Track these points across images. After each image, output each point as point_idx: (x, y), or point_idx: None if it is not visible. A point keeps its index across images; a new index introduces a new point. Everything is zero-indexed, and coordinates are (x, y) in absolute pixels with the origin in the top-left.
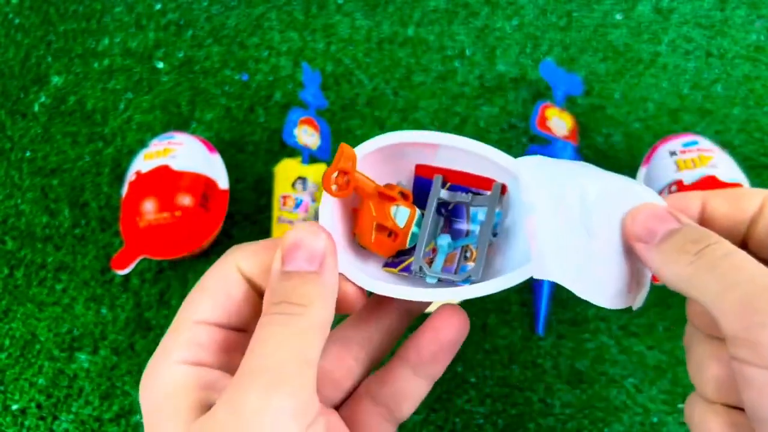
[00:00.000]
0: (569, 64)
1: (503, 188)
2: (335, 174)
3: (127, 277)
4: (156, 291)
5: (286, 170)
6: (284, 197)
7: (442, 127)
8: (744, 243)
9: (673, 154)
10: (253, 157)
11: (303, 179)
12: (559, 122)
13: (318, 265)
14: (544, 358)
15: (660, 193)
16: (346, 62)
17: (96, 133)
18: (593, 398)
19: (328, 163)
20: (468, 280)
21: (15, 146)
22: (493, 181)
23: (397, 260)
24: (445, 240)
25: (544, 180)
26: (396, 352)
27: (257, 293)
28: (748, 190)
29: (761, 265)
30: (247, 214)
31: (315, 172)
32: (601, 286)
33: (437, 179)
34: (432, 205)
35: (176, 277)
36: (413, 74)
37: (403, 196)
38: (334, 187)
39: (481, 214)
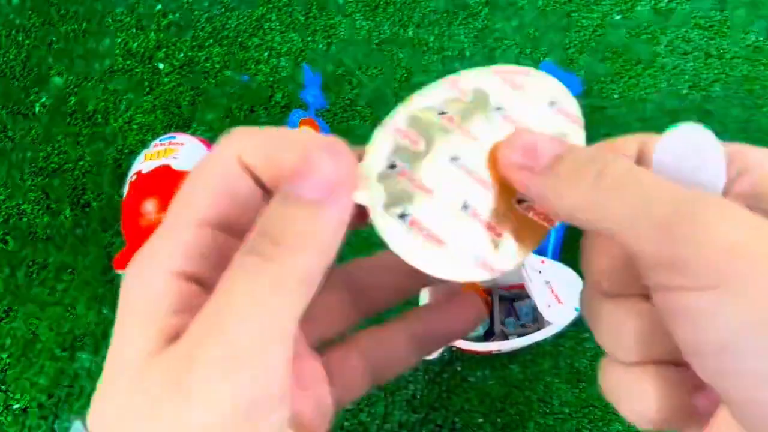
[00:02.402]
0: (568, 65)
1: None
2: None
3: None
4: None
5: None
6: None
7: None
8: None
9: None
10: None
11: None
12: None
13: (324, 193)
14: (543, 357)
15: None
16: (346, 63)
17: (97, 134)
18: (592, 397)
19: None
20: None
21: (16, 146)
22: None
23: None
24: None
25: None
26: (401, 315)
27: (262, 193)
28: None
29: (668, 181)
30: None
31: None
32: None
33: None
34: None
35: None
36: (413, 75)
37: None
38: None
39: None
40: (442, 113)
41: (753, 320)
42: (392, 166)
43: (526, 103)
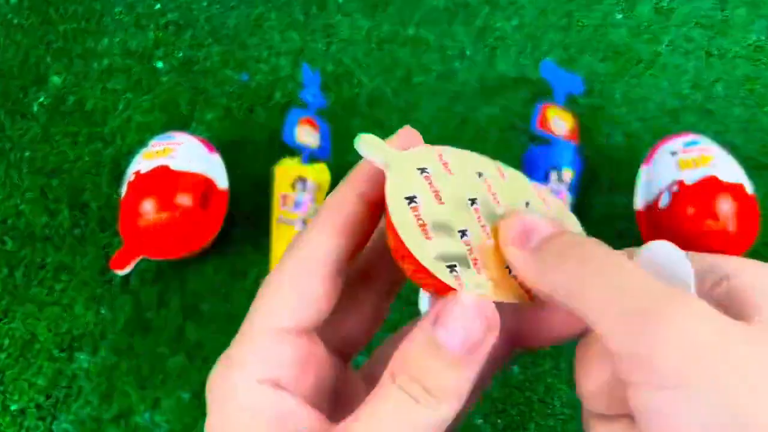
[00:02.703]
0: (569, 65)
1: None
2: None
3: (126, 277)
4: (156, 291)
5: (286, 170)
6: (284, 197)
7: (443, 127)
8: None
9: (674, 153)
10: (253, 157)
11: (303, 179)
12: (559, 122)
13: (470, 351)
14: (544, 358)
15: (661, 193)
16: (346, 62)
17: (95, 134)
18: None
19: (328, 163)
20: None
21: (15, 146)
22: None
23: None
24: None
25: None
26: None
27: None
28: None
29: (649, 276)
30: (247, 214)
31: (315, 172)
32: None
33: None
34: None
35: (176, 277)
36: (413, 74)
37: None
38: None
39: None
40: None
41: (709, 423)
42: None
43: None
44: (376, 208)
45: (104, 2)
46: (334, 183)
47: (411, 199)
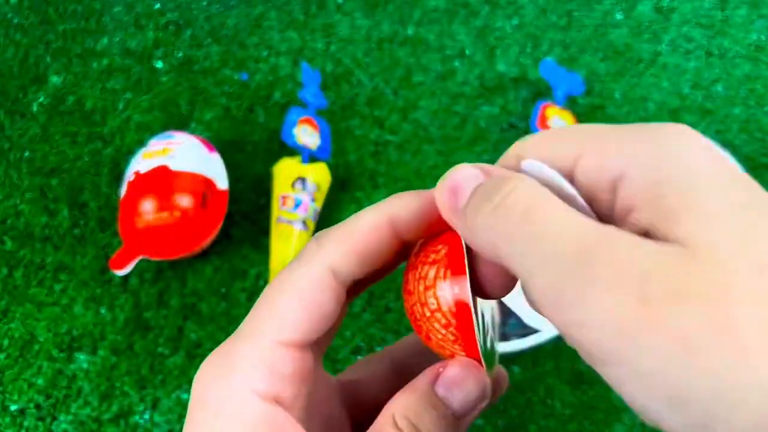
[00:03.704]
0: (569, 64)
1: None
2: None
3: (126, 277)
4: (155, 291)
5: (286, 170)
6: (284, 197)
7: (442, 127)
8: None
9: None
10: (253, 156)
11: (302, 179)
12: (559, 121)
13: (465, 411)
14: (544, 358)
15: None
16: (345, 62)
17: (95, 133)
18: (594, 399)
19: (328, 163)
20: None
21: (14, 146)
22: None
23: None
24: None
25: None
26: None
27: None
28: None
29: (576, 218)
30: (247, 214)
31: (315, 171)
32: None
33: None
34: None
35: (175, 277)
36: (413, 74)
37: None
38: None
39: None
40: None
41: (664, 396)
42: None
43: None
44: (401, 244)
45: (104, 2)
46: (333, 183)
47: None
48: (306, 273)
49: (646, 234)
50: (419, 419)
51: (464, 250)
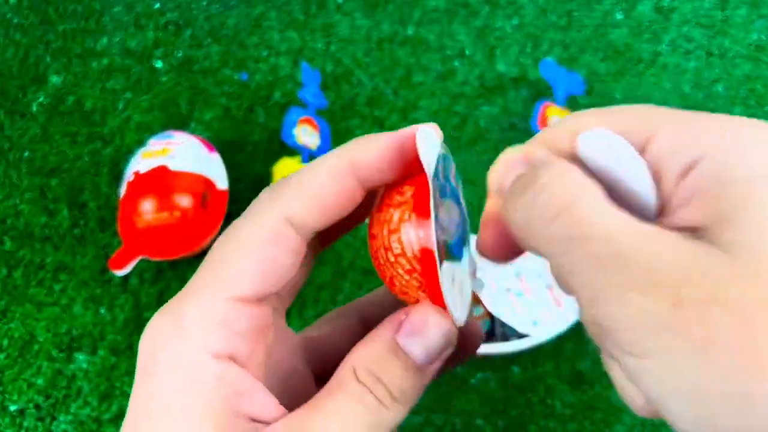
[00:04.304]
0: (569, 64)
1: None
2: None
3: (126, 277)
4: (155, 291)
5: (286, 170)
6: None
7: (442, 127)
8: None
9: None
10: (253, 156)
11: None
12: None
13: (430, 362)
14: (544, 358)
15: None
16: (345, 62)
17: (95, 133)
18: (594, 399)
19: None
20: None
21: (14, 146)
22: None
23: None
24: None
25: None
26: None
27: (307, 250)
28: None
29: (615, 219)
30: None
31: None
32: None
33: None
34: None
35: (175, 277)
36: (413, 74)
37: None
38: None
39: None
40: None
41: (680, 390)
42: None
43: None
44: (367, 194)
45: (103, 2)
46: None
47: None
48: (259, 224)
49: (694, 230)
50: (382, 371)
51: (431, 192)
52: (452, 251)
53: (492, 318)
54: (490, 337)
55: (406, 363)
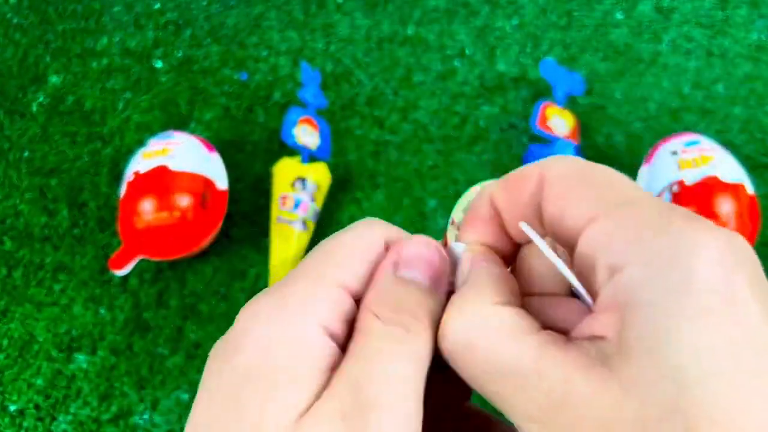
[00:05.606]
0: (570, 64)
1: None
2: None
3: (125, 277)
4: (155, 291)
5: (285, 170)
6: (283, 197)
7: (442, 127)
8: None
9: (674, 153)
10: (253, 156)
11: (302, 179)
12: (559, 121)
13: (435, 283)
14: None
15: (661, 193)
16: (345, 62)
17: (94, 133)
18: None
19: (328, 163)
20: None
21: (13, 146)
22: None
23: None
24: None
25: None
26: None
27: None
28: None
29: (510, 349)
30: (246, 214)
31: (314, 171)
32: None
33: None
34: None
35: (175, 277)
36: (413, 74)
37: None
38: None
39: None
40: None
41: None
42: None
43: None
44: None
45: (103, 2)
46: (333, 183)
47: None
48: (363, 234)
49: (602, 338)
50: (397, 302)
51: None
52: None
53: None
54: None
55: (418, 287)
